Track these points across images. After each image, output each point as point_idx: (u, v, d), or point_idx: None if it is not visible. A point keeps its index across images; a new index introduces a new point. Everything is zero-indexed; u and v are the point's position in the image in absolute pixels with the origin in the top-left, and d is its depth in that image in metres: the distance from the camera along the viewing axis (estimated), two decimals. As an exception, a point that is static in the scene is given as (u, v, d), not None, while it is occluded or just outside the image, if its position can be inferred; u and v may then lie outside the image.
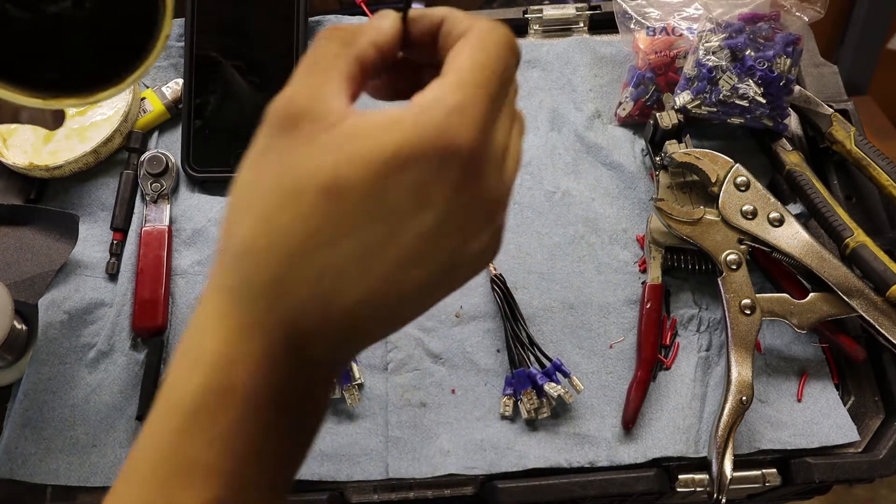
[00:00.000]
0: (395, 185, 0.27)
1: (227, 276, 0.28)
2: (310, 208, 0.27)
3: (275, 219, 0.27)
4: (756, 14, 0.63)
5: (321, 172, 0.27)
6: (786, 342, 0.61)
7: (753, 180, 0.60)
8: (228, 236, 0.28)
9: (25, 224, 0.62)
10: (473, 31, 0.30)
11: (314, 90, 0.29)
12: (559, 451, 0.56)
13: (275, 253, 0.27)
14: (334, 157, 0.27)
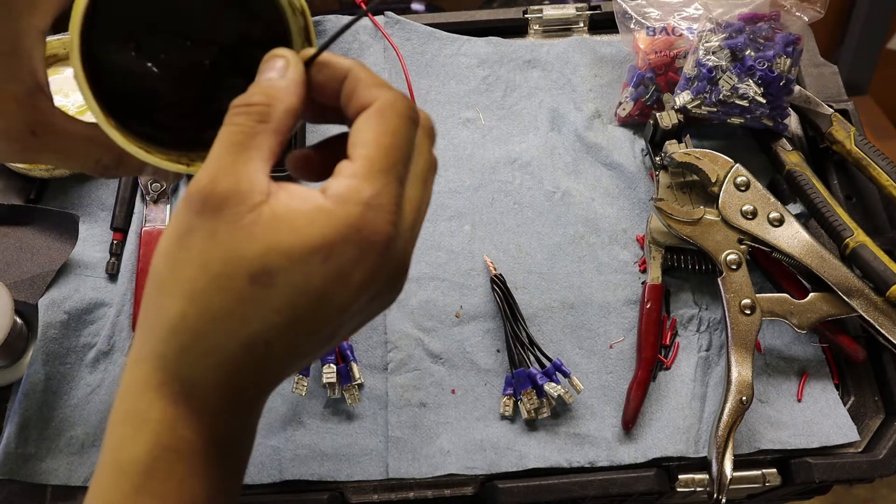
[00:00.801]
0: (317, 272, 0.29)
1: (160, 346, 0.30)
2: (240, 293, 0.29)
3: (206, 300, 0.29)
4: (756, 14, 0.63)
5: (249, 260, 0.29)
6: (786, 342, 0.61)
7: (753, 180, 0.60)
8: (159, 310, 0.30)
9: (25, 224, 0.62)
10: (376, 108, 0.32)
11: (236, 170, 0.30)
12: (559, 451, 0.56)
13: (209, 328, 0.30)
14: (261, 245, 0.29)
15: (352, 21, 0.34)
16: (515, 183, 0.66)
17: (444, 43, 0.72)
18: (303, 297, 0.29)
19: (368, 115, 0.31)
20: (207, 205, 0.29)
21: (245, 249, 0.29)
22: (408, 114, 0.32)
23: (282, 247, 0.29)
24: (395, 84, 0.69)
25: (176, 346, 0.30)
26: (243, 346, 0.30)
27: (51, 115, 0.38)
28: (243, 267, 0.29)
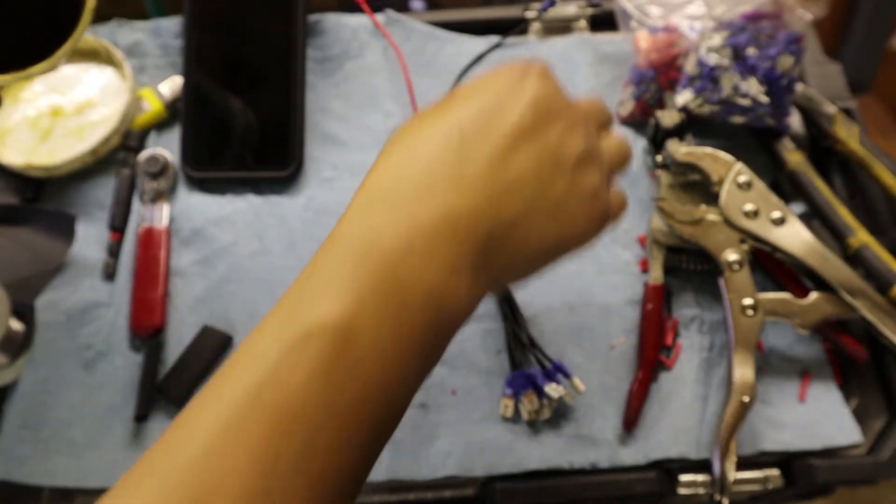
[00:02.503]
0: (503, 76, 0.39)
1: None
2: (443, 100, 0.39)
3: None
4: (758, 12, 0.63)
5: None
6: (788, 343, 0.60)
7: (756, 179, 0.59)
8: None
9: (22, 224, 0.62)
10: None
11: None
12: (560, 453, 0.56)
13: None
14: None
15: None
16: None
17: (444, 42, 0.71)
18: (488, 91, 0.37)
19: None
20: None
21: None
22: None
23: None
24: (395, 84, 0.69)
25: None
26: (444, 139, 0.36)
27: None
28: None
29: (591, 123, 0.41)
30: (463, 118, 0.36)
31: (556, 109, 0.38)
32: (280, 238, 0.62)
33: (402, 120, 0.67)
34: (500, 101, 0.37)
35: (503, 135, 0.36)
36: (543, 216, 0.37)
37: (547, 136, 0.37)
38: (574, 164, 0.38)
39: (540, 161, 0.37)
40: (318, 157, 0.66)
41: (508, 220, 0.36)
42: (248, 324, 0.59)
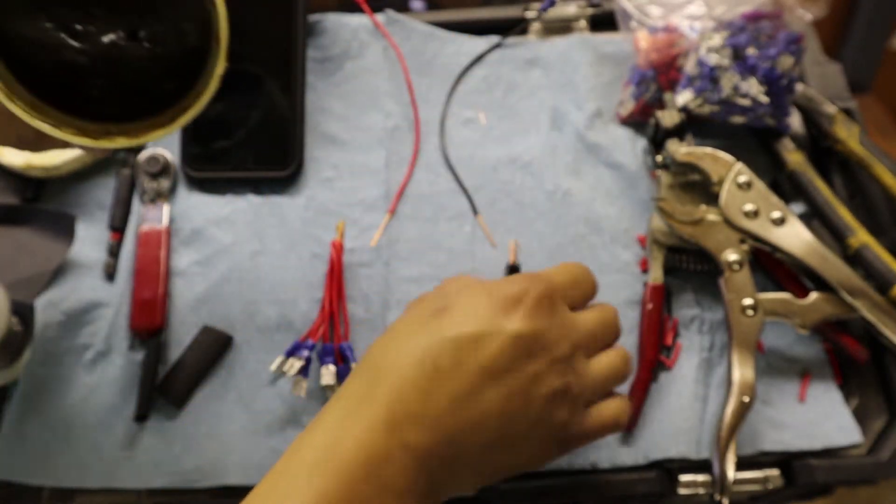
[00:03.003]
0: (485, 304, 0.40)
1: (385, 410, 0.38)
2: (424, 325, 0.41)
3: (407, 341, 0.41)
4: (758, 12, 0.63)
5: (433, 303, 0.43)
6: (788, 343, 0.60)
7: (756, 180, 0.59)
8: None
9: (22, 224, 0.62)
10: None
11: None
12: (560, 453, 0.56)
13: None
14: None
15: None
16: (516, 183, 0.65)
17: (444, 42, 0.71)
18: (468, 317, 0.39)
19: None
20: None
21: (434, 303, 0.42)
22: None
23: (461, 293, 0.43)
24: (395, 84, 0.69)
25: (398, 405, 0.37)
26: (412, 359, 0.37)
27: None
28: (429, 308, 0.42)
29: (586, 350, 0.43)
30: (439, 348, 0.37)
31: (538, 349, 0.38)
32: (280, 238, 0.62)
33: (402, 120, 0.67)
34: (480, 333, 0.38)
35: (474, 373, 0.37)
36: (501, 450, 0.38)
37: (521, 375, 0.38)
38: (545, 402, 0.39)
39: (508, 400, 0.37)
40: (318, 157, 0.66)
41: (465, 455, 0.37)
42: (249, 324, 0.59)
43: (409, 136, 0.67)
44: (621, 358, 0.46)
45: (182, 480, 0.55)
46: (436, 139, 0.67)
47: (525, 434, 0.39)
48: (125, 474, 0.54)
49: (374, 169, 0.65)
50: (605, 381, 0.44)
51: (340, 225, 0.61)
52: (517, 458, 0.40)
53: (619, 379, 0.45)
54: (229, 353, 0.58)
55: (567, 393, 0.40)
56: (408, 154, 0.66)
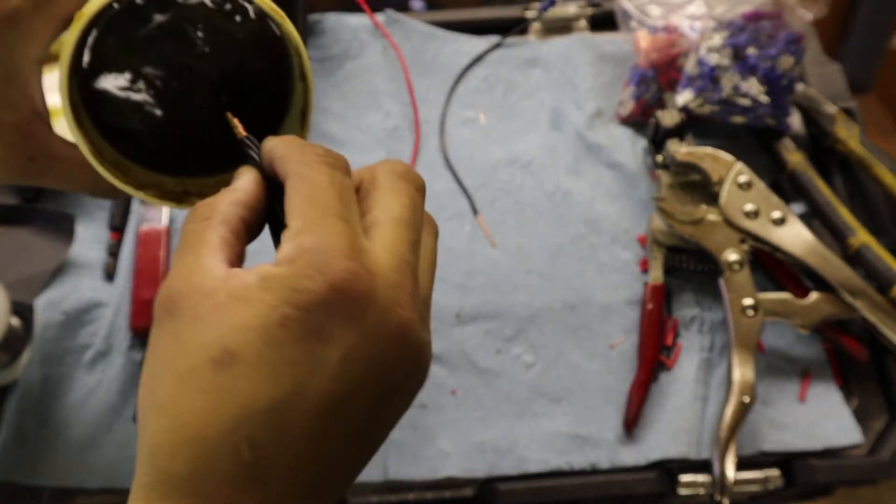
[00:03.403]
0: (285, 337, 0.27)
1: (145, 475, 0.27)
2: (207, 384, 0.26)
3: (175, 406, 0.27)
4: (758, 12, 0.63)
5: (210, 345, 0.27)
6: (788, 343, 0.60)
7: (756, 179, 0.59)
8: (141, 433, 0.28)
9: (23, 224, 0.62)
10: (289, 169, 0.31)
11: (187, 268, 0.29)
12: (560, 453, 0.56)
13: (181, 441, 0.26)
14: (219, 327, 0.27)
15: None
16: (516, 183, 0.65)
17: (444, 42, 0.71)
18: (273, 367, 0.27)
19: (286, 180, 0.31)
20: (166, 308, 0.28)
21: (204, 336, 0.27)
22: (321, 160, 0.31)
23: (237, 321, 0.27)
24: (395, 84, 0.69)
25: (155, 474, 0.27)
26: (224, 456, 0.26)
27: (49, 142, 0.38)
28: (203, 355, 0.27)
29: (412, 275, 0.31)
30: (251, 426, 0.26)
31: (382, 359, 0.28)
32: (280, 238, 0.62)
33: (402, 120, 0.67)
34: (297, 382, 0.27)
35: (310, 431, 0.27)
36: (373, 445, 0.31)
37: (365, 399, 0.29)
38: (399, 407, 0.31)
39: (361, 425, 0.29)
40: (318, 157, 0.66)
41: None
42: (248, 324, 0.59)
43: (409, 136, 0.67)
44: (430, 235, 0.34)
45: (182, 480, 0.54)
46: (436, 139, 0.67)
47: (380, 437, 0.31)
48: (125, 474, 0.54)
49: (374, 169, 0.65)
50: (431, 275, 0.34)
51: (340, 225, 0.61)
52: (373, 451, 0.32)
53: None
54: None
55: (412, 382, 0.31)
56: (408, 154, 0.66)
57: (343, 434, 0.28)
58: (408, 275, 0.30)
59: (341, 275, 0.27)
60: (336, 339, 0.27)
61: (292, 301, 0.27)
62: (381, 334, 0.28)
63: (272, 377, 0.27)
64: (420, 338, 0.30)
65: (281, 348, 0.27)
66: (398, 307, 0.29)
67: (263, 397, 0.26)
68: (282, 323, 0.27)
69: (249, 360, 0.27)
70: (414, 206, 0.32)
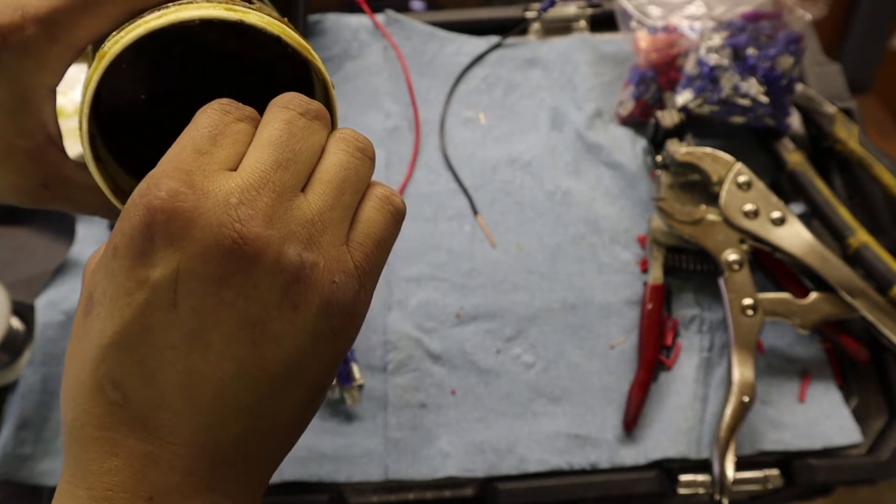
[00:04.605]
0: (118, 270, 0.27)
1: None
2: (78, 331, 0.28)
3: (67, 357, 0.29)
4: (758, 12, 0.63)
5: (82, 298, 0.29)
6: (788, 342, 0.60)
7: (755, 180, 0.60)
8: None
9: (23, 224, 0.62)
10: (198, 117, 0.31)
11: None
12: (560, 453, 0.56)
13: (65, 390, 0.29)
14: (89, 277, 0.29)
15: None
16: (516, 183, 0.65)
17: (444, 42, 0.71)
18: (114, 301, 0.26)
19: None
20: None
21: (83, 290, 0.30)
22: (222, 107, 0.30)
23: (95, 265, 0.28)
24: (395, 84, 0.69)
25: (63, 424, 0.29)
26: (93, 396, 0.26)
27: (62, 169, 0.38)
28: (80, 307, 0.28)
29: (326, 234, 0.29)
30: (107, 366, 0.27)
31: (228, 271, 0.26)
32: (280, 238, 0.62)
33: (402, 120, 0.67)
34: (135, 311, 0.26)
35: (167, 363, 0.27)
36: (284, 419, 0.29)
37: (221, 322, 0.27)
38: (282, 330, 0.28)
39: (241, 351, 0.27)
40: (318, 157, 0.66)
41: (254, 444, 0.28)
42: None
43: (409, 136, 0.67)
44: (382, 211, 0.31)
45: (182, 480, 0.55)
46: (436, 139, 0.67)
47: (294, 368, 0.28)
48: (125, 474, 0.54)
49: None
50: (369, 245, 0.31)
51: (340, 225, 0.61)
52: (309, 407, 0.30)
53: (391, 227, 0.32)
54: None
55: (304, 275, 0.28)
56: (408, 154, 0.66)
57: (213, 363, 0.27)
58: (263, 191, 0.27)
59: (159, 195, 0.26)
60: (161, 262, 0.26)
61: (120, 230, 0.27)
62: (213, 254, 0.26)
63: (114, 311, 0.26)
64: (282, 254, 0.27)
65: (115, 280, 0.26)
66: (237, 223, 0.26)
67: (109, 332, 0.26)
68: (114, 255, 0.27)
69: (100, 300, 0.27)
70: (288, 129, 0.30)
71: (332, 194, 0.30)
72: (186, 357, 0.26)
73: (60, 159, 0.38)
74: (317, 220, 0.29)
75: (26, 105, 0.36)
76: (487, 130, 0.68)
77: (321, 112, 0.31)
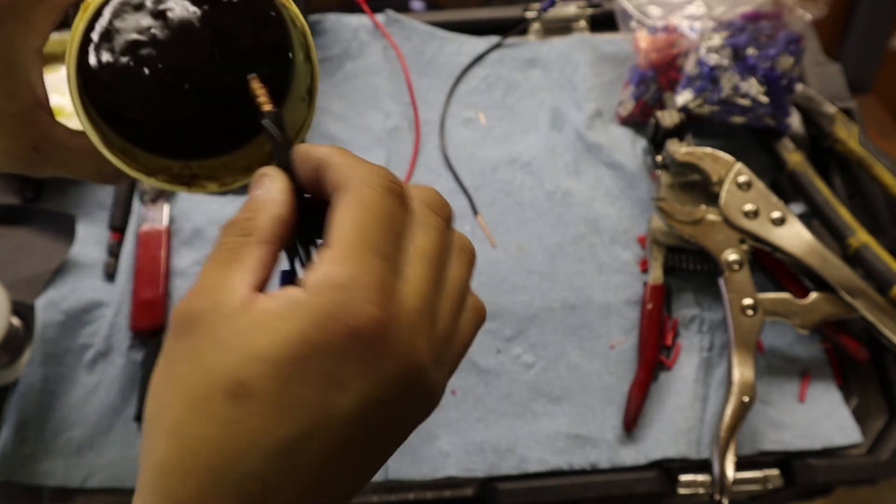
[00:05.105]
0: (299, 375, 0.26)
1: (150, 496, 0.27)
2: (219, 415, 0.26)
3: (186, 430, 0.26)
4: (758, 12, 0.63)
5: (225, 374, 0.26)
6: (788, 342, 0.60)
7: (755, 180, 0.59)
8: (147, 452, 0.27)
9: (23, 224, 0.62)
10: (350, 186, 0.29)
11: (212, 284, 0.28)
12: (560, 453, 0.56)
13: (191, 468, 0.26)
14: (236, 355, 0.26)
15: None
16: (516, 183, 0.65)
17: (444, 42, 0.71)
18: (287, 408, 0.26)
19: (340, 194, 0.29)
20: (185, 323, 0.27)
21: (220, 362, 0.26)
22: (386, 186, 0.29)
23: (254, 352, 0.26)
24: (395, 84, 0.69)
25: (162, 493, 0.26)
26: (235, 487, 0.26)
27: (52, 131, 0.38)
28: (217, 383, 0.26)
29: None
30: (255, 456, 0.26)
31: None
32: (280, 238, 0.62)
33: (402, 120, 0.67)
34: (308, 425, 0.26)
35: (317, 469, 0.27)
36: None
37: (372, 440, 0.29)
38: (403, 438, 0.32)
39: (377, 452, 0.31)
40: (318, 157, 0.66)
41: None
42: (248, 324, 0.59)
43: (409, 136, 0.67)
44: (477, 325, 0.33)
45: (182, 480, 0.55)
46: (436, 139, 0.67)
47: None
48: (125, 474, 0.54)
49: (374, 169, 0.65)
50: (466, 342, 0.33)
51: (340, 225, 0.61)
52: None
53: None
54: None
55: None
56: (408, 154, 0.66)
57: (350, 470, 0.29)
58: (427, 316, 0.29)
59: (366, 322, 0.26)
60: (351, 388, 0.27)
61: (311, 340, 0.26)
62: (394, 382, 0.28)
63: (284, 417, 0.26)
64: (432, 381, 0.29)
65: (295, 389, 0.26)
66: (414, 352, 0.28)
67: (274, 436, 0.26)
68: (298, 361, 0.26)
69: (262, 397, 0.26)
70: (442, 241, 0.31)
71: (460, 308, 0.31)
72: (337, 464, 0.28)
73: (50, 122, 0.38)
74: (451, 337, 0.31)
75: (13, 67, 0.36)
76: (487, 130, 0.68)
77: (453, 216, 0.33)
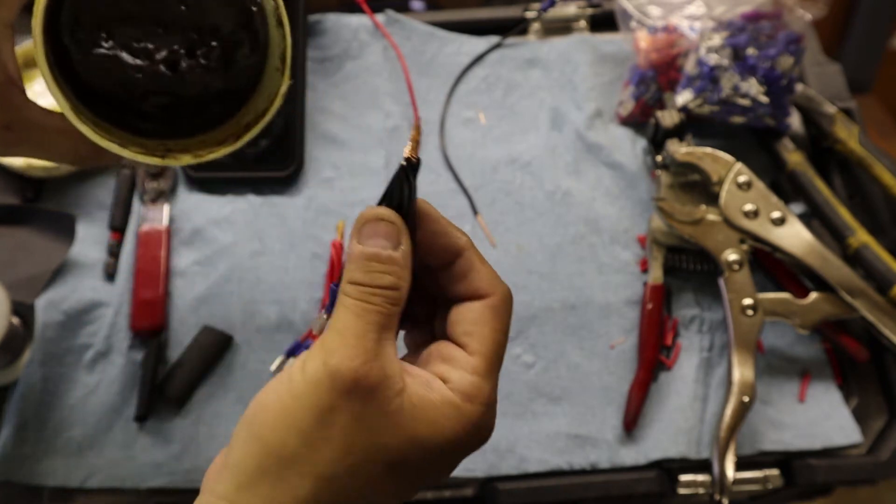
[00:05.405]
0: (443, 464, 0.32)
1: None
2: (375, 480, 0.30)
3: (342, 484, 0.30)
4: (758, 12, 0.63)
5: (390, 450, 0.30)
6: (788, 342, 0.60)
7: (755, 180, 0.59)
8: (288, 487, 0.29)
9: (23, 224, 0.62)
10: (493, 303, 0.33)
11: (381, 355, 0.30)
12: (560, 453, 0.56)
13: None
14: (403, 436, 0.30)
15: None
16: (516, 183, 0.65)
17: (444, 42, 0.71)
18: (426, 481, 0.32)
19: (486, 308, 0.32)
20: (358, 388, 0.29)
21: (389, 438, 0.30)
22: (511, 309, 0.34)
23: (419, 439, 0.30)
24: (395, 84, 0.69)
25: None
26: None
27: (25, 110, 0.37)
28: (383, 455, 0.30)
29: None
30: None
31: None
32: (280, 238, 0.62)
33: (401, 120, 0.67)
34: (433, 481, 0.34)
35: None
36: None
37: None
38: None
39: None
40: (318, 157, 0.66)
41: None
42: (249, 323, 0.59)
43: (408, 136, 0.67)
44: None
45: (182, 480, 0.55)
46: (436, 139, 0.67)
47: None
48: (125, 474, 0.54)
49: (373, 169, 0.65)
50: None
51: (340, 225, 0.61)
52: None
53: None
54: (229, 353, 0.58)
55: None
56: (408, 154, 0.66)
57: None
58: (495, 399, 0.34)
59: (489, 434, 0.34)
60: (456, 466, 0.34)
61: (463, 442, 0.32)
62: (475, 449, 0.34)
63: (420, 486, 0.32)
64: (490, 431, 0.34)
65: (436, 470, 0.32)
66: (488, 430, 0.34)
67: (409, 498, 0.32)
68: (450, 454, 0.32)
69: (416, 476, 0.31)
70: (507, 334, 0.34)
71: None
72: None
73: (22, 100, 0.37)
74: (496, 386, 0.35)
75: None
76: (487, 130, 0.68)
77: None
